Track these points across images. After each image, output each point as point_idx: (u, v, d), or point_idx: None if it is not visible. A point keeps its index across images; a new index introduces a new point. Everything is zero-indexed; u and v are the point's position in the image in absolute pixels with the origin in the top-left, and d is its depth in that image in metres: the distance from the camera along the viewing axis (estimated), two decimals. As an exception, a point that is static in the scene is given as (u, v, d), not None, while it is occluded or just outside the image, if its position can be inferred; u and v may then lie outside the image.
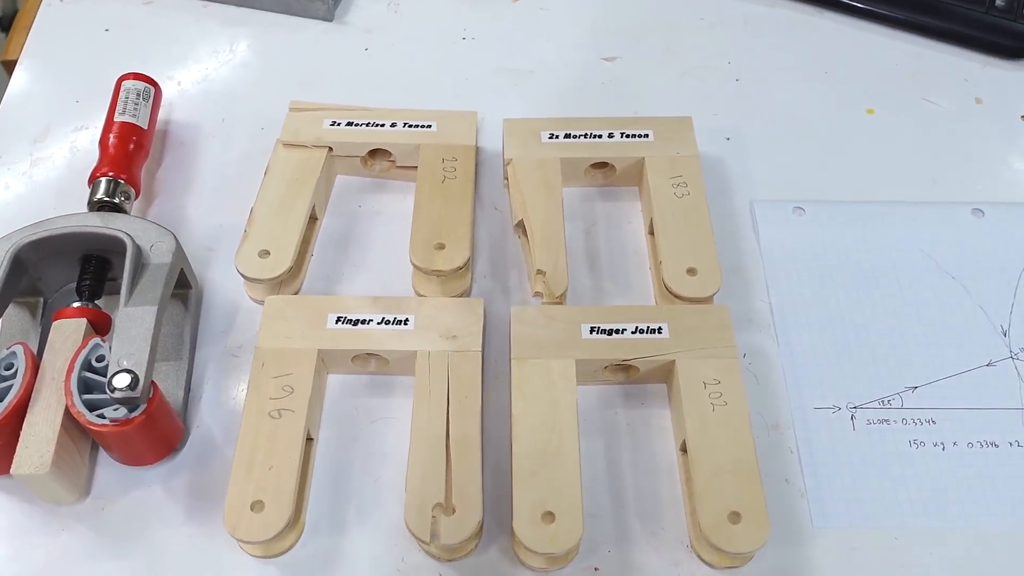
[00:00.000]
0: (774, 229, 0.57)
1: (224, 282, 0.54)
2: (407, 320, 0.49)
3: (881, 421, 0.50)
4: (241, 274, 0.51)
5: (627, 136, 0.58)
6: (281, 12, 0.68)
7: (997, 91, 0.65)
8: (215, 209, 0.57)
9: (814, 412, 0.51)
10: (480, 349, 0.48)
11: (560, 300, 0.52)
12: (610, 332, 0.50)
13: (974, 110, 0.64)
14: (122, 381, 0.43)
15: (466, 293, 0.53)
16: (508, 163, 0.57)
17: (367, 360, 0.50)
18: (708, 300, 0.52)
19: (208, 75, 0.65)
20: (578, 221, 0.58)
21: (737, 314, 0.53)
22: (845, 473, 0.49)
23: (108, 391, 0.43)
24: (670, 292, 0.52)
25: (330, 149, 0.57)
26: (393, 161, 0.58)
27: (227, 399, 0.50)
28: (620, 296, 0.54)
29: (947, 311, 0.54)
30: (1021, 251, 0.57)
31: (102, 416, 0.43)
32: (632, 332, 0.50)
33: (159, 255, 0.48)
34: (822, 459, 0.49)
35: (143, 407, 0.43)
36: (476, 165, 0.59)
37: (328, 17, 0.68)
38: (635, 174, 0.58)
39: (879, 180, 0.60)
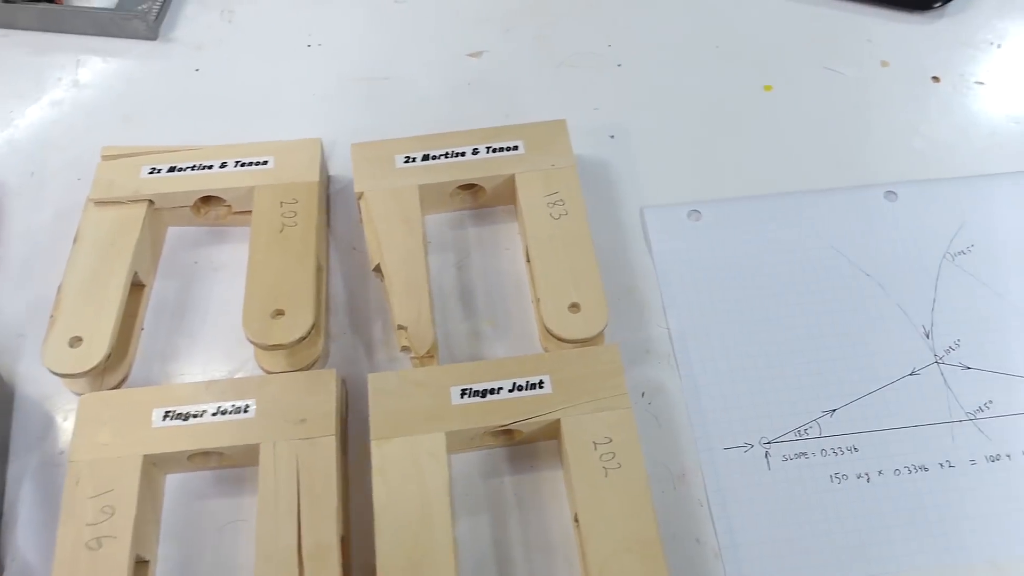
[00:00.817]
0: (668, 239, 0.51)
1: (40, 374, 0.46)
2: (247, 407, 0.42)
3: (798, 455, 0.45)
4: (49, 369, 0.44)
5: (494, 151, 0.51)
6: (96, 35, 0.59)
7: (905, 50, 0.58)
8: (24, 285, 0.49)
9: (724, 453, 0.45)
10: (335, 433, 0.42)
11: (429, 357, 0.45)
12: (484, 394, 0.43)
13: (881, 75, 0.57)
14: None
15: (320, 361, 0.46)
16: (359, 197, 0.49)
17: (207, 457, 0.43)
18: (597, 339, 0.46)
19: (11, 119, 0.56)
20: (448, 253, 0.51)
21: (633, 346, 0.47)
22: (763, 523, 0.43)
23: None
24: (550, 334, 0.45)
25: (151, 202, 0.49)
26: (229, 207, 0.50)
27: (50, 520, 0.43)
28: (501, 341, 0.48)
29: (864, 316, 0.49)
30: (939, 236, 0.51)
31: None
32: (510, 390, 0.43)
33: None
34: (736, 510, 0.43)
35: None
36: (326, 201, 0.51)
37: (151, 36, 0.59)
38: (508, 192, 0.51)
39: (782, 168, 0.54)
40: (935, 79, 0.57)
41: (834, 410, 0.46)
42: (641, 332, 0.48)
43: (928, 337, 0.48)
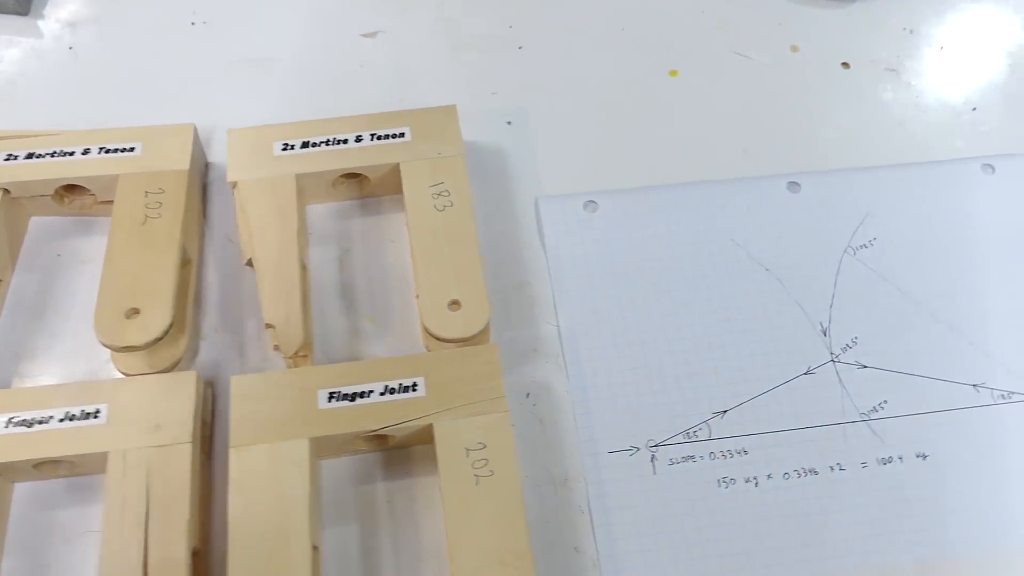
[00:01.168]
0: (562, 231, 0.49)
1: None
2: (97, 412, 0.40)
3: (686, 459, 0.43)
4: None
5: (379, 138, 0.48)
6: (-37, 9, 0.55)
7: (815, 35, 0.57)
8: None
9: (608, 457, 0.43)
10: (191, 440, 0.39)
11: (302, 357, 0.43)
12: (353, 397, 0.41)
13: (790, 60, 0.56)
14: None
15: (183, 362, 0.44)
16: (233, 187, 0.46)
17: (56, 465, 0.40)
18: (481, 338, 0.44)
19: None
20: (331, 245, 0.48)
21: (520, 345, 0.45)
22: (645, 531, 0.41)
23: None
24: (428, 333, 0.43)
25: (6, 191, 0.45)
26: (95, 196, 0.47)
27: None
28: (382, 339, 0.45)
29: (761, 312, 0.47)
30: (841, 229, 0.49)
31: None
32: (381, 393, 0.41)
33: None
34: (618, 516, 0.42)
35: None
36: (202, 190, 0.48)
37: (22, 10, 0.55)
38: (395, 182, 0.48)
39: (685, 157, 0.52)
40: (845, 65, 0.55)
41: (725, 411, 0.44)
42: (530, 330, 0.46)
43: (825, 334, 0.47)
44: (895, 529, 0.42)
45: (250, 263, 0.45)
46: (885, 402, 0.45)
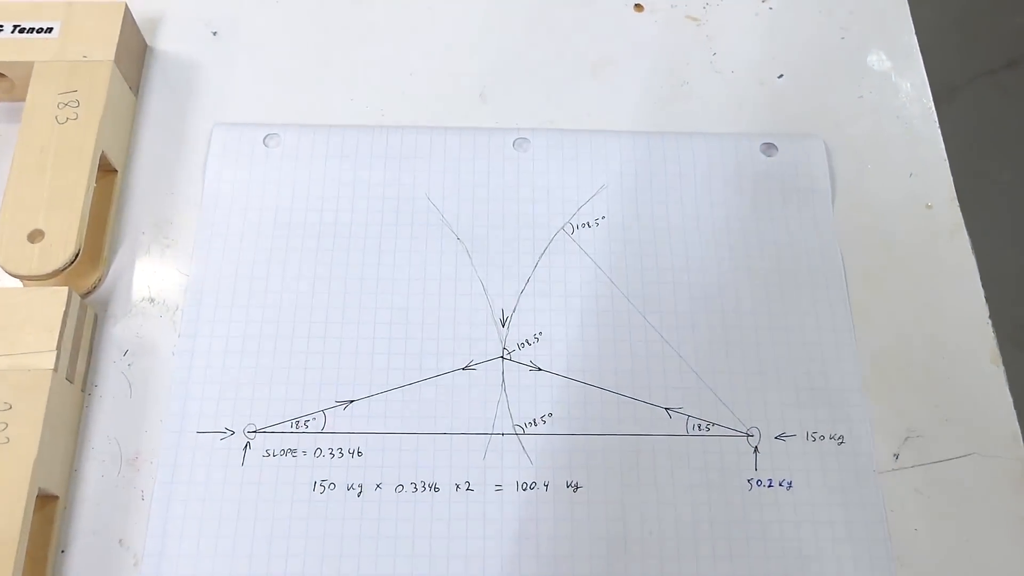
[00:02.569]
0: (229, 167, 0.41)
1: None
2: None
3: (286, 452, 0.36)
4: None
5: (23, 31, 0.41)
6: None
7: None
8: None
9: (195, 438, 0.36)
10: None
11: None
12: None
13: (573, -5, 0.46)
14: None
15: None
16: None
17: None
18: (82, 281, 0.37)
19: None
20: (-34, 153, 0.41)
21: (136, 293, 0.38)
22: (208, 531, 0.35)
23: None
24: (3, 269, 0.36)
25: None
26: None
27: None
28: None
29: (436, 289, 0.39)
30: (566, 201, 0.41)
31: None
32: (-86, 330, 0.35)
33: None
34: (181, 509, 0.35)
35: None
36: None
37: None
38: (44, 86, 0.41)
39: (406, 96, 0.43)
40: (638, 7, 0.46)
41: (352, 401, 0.37)
42: (151, 277, 0.39)
43: (504, 325, 0.39)
44: (500, 571, 0.34)
45: None
46: (550, 415, 0.37)
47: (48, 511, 0.34)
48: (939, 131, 0.43)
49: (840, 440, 0.37)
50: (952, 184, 0.42)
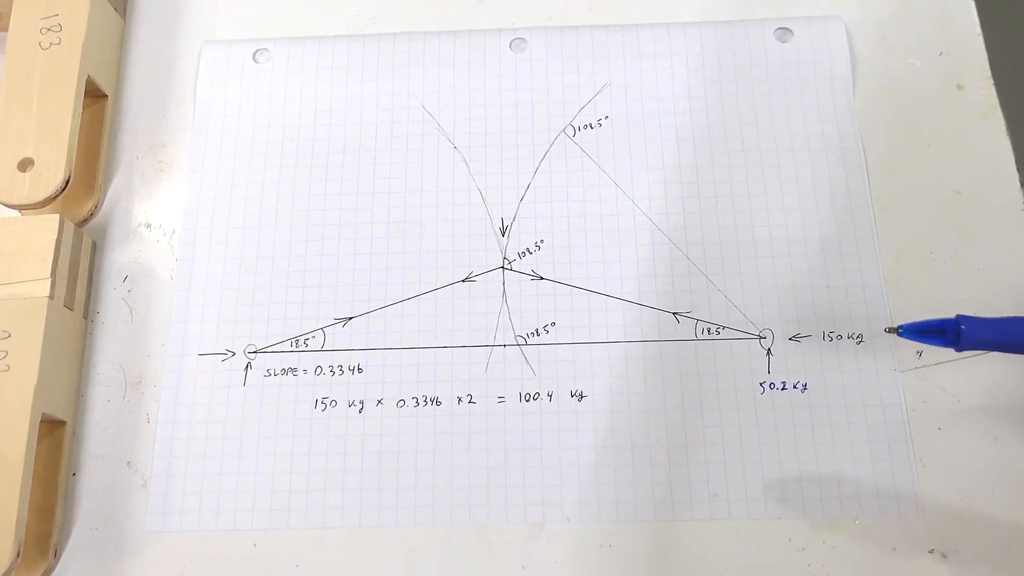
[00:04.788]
0: (219, 86, 0.40)
1: None
2: None
3: (286, 371, 0.36)
4: None
5: (4, -45, 0.40)
6: None
7: None
8: None
9: (196, 360, 0.36)
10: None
11: None
12: None
13: None
14: None
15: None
16: None
17: None
18: (76, 209, 0.37)
19: None
20: (-43, 85, 0.41)
21: (133, 219, 0.38)
22: (213, 451, 0.35)
23: None
24: (-7, 198, 0.36)
25: None
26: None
27: None
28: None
29: (433, 200, 0.38)
30: (567, 102, 0.39)
31: None
32: (-87, 262, 0.35)
33: None
34: (187, 431, 0.35)
35: None
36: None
37: None
38: (28, 13, 0.40)
39: (397, 1, 0.41)
40: None
41: (351, 318, 0.36)
42: (149, 202, 0.38)
43: (504, 234, 0.37)
44: (505, 482, 0.34)
45: None
46: (553, 324, 0.36)
47: (56, 436, 0.35)
48: (972, 3, 0.40)
49: (859, 339, 0.35)
50: (987, 62, 0.39)
